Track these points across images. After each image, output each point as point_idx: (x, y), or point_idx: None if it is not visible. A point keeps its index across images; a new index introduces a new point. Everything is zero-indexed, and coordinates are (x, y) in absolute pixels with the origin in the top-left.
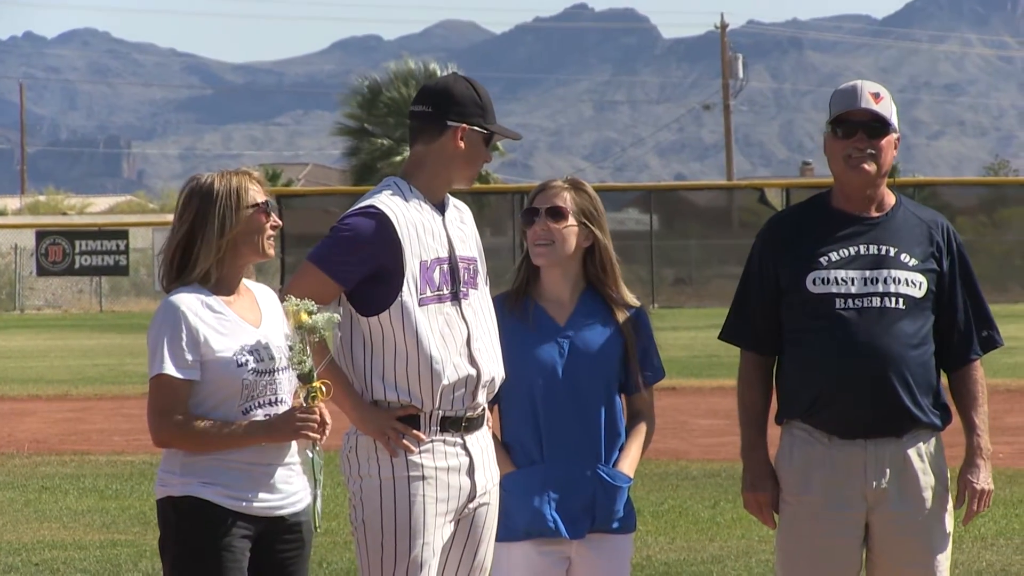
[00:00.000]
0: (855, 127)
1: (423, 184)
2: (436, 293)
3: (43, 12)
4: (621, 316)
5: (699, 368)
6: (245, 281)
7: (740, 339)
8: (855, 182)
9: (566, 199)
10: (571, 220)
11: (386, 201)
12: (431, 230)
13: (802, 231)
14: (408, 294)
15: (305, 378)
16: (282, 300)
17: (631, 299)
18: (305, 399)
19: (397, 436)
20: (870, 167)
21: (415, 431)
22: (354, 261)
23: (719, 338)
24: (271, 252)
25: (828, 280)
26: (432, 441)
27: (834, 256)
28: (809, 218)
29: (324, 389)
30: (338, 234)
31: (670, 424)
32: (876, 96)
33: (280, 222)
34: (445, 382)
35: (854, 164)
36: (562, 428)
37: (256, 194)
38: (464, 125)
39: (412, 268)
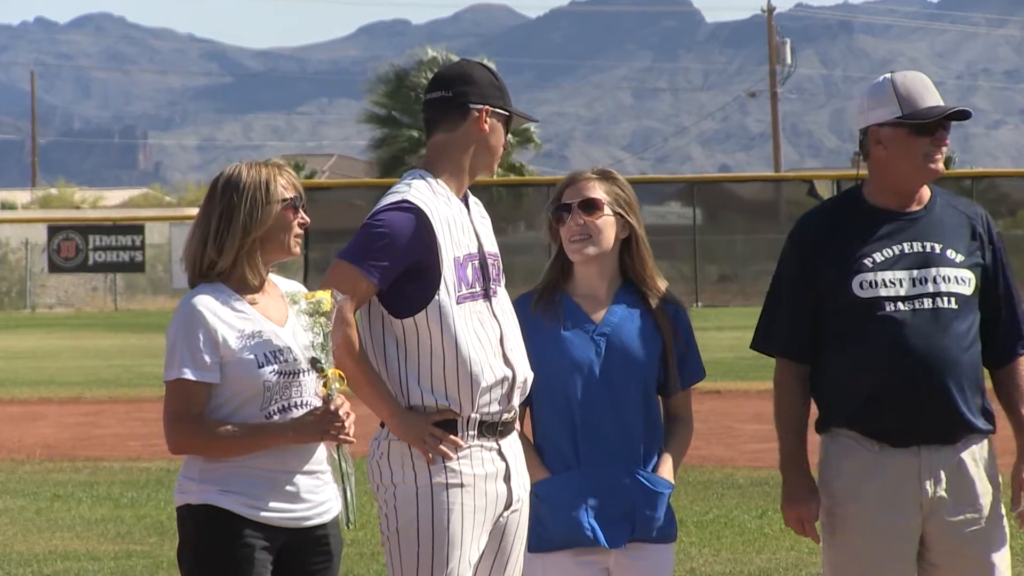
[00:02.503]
0: (936, 125)
1: (448, 176)
2: (471, 291)
3: None
4: (660, 312)
5: (745, 370)
6: (272, 277)
7: (776, 346)
8: (924, 180)
9: (598, 190)
10: (606, 211)
11: (419, 195)
12: (461, 224)
13: (839, 230)
14: (445, 293)
15: (322, 365)
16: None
17: (670, 294)
18: (331, 390)
19: (435, 442)
20: (942, 165)
21: (453, 436)
22: (390, 259)
23: (751, 347)
24: (297, 250)
25: (876, 283)
26: (469, 447)
27: (879, 257)
28: (845, 216)
29: (342, 377)
30: (372, 230)
31: (714, 429)
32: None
33: (308, 219)
34: (483, 384)
35: (934, 161)
36: (599, 431)
37: (286, 189)
38: (487, 107)
39: (448, 264)
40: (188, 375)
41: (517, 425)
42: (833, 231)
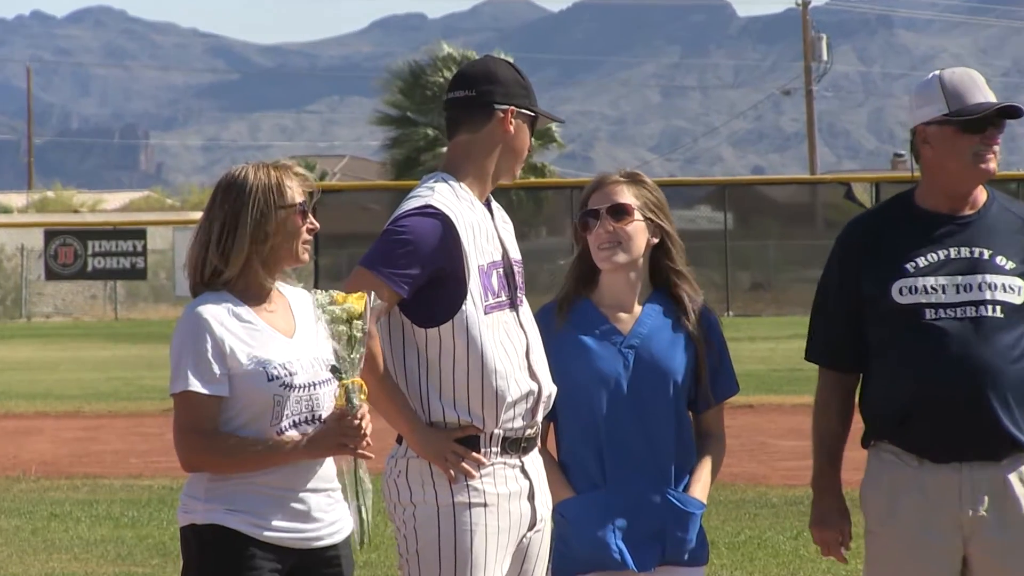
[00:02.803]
0: (984, 122)
1: (470, 179)
2: (497, 300)
3: None
4: (691, 323)
5: (779, 383)
6: (279, 286)
7: (818, 356)
8: (975, 182)
9: (626, 193)
10: (636, 216)
11: (442, 200)
12: (485, 231)
13: (885, 234)
14: (471, 303)
15: (342, 374)
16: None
17: (704, 303)
18: (348, 399)
19: (457, 460)
20: (994, 165)
21: (475, 454)
22: (413, 267)
23: (806, 359)
24: (306, 257)
25: (916, 289)
26: (492, 464)
27: (922, 262)
28: (892, 219)
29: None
30: (394, 237)
31: (747, 445)
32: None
33: (317, 225)
34: (509, 399)
35: (985, 162)
36: (627, 448)
37: (295, 193)
38: (512, 107)
39: (475, 273)
40: (197, 387)
41: (540, 442)
42: (878, 235)
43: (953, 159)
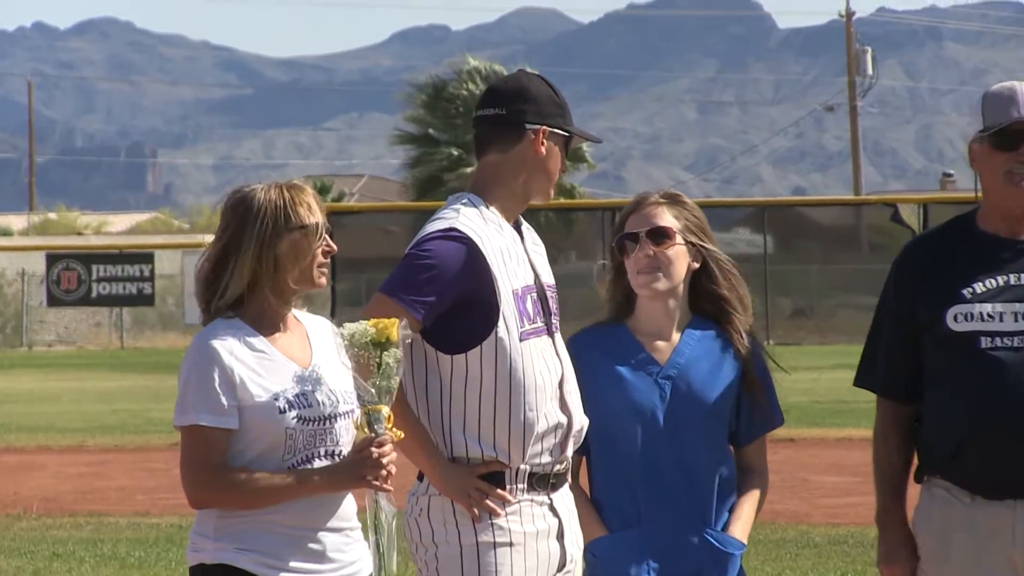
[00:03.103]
0: (1017, 138)
1: (499, 201)
2: (534, 326)
3: None
4: (733, 351)
5: (822, 415)
6: (296, 313)
7: (873, 384)
8: (1014, 202)
9: (667, 215)
10: (677, 240)
11: (468, 222)
12: (515, 254)
13: (943, 258)
14: (504, 329)
15: (375, 399)
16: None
17: (749, 330)
18: (370, 426)
19: (480, 497)
20: None
21: (500, 491)
22: (435, 293)
23: (854, 384)
24: (323, 281)
25: (972, 316)
26: (519, 502)
27: (979, 288)
28: (952, 242)
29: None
30: (416, 261)
31: (788, 481)
32: None
33: (334, 247)
34: (537, 432)
35: (1016, 181)
36: (664, 485)
37: (306, 214)
38: (544, 127)
39: (507, 298)
40: (203, 421)
41: (570, 477)
42: (935, 258)
43: (992, 178)
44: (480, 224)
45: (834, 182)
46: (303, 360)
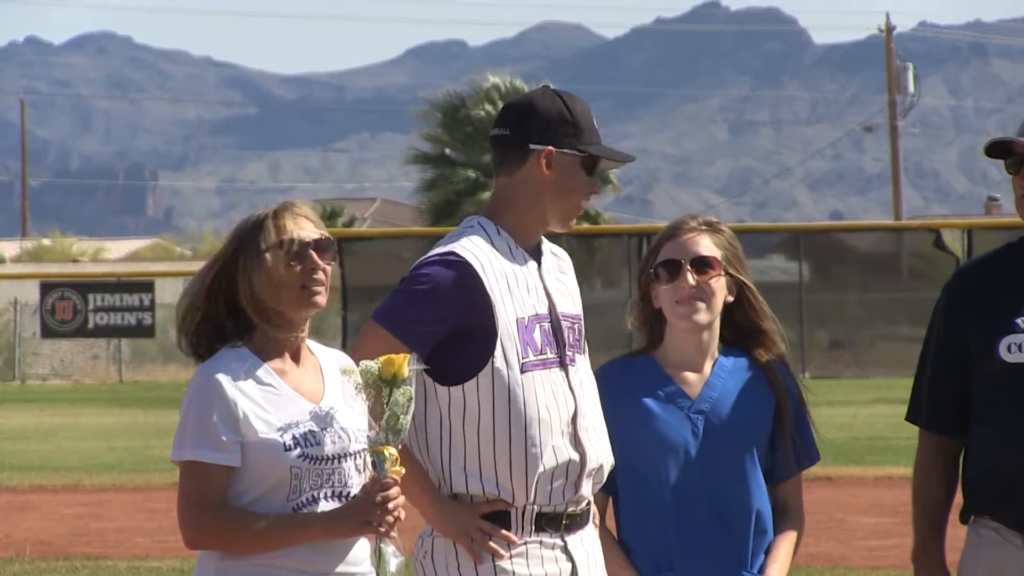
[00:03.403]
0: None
1: (512, 225)
2: (539, 357)
3: (50, 12)
4: (767, 384)
5: (860, 453)
6: (311, 345)
7: (919, 417)
8: None
9: (710, 245)
10: (719, 270)
11: (469, 246)
12: (525, 281)
13: (992, 284)
14: (502, 359)
15: (383, 440)
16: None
17: (785, 362)
18: (377, 467)
19: (483, 537)
20: None
21: (505, 531)
22: (430, 321)
23: (906, 419)
24: (318, 301)
25: None
26: (526, 543)
27: None
28: (1004, 269)
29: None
30: (410, 287)
31: (824, 522)
32: None
33: (320, 263)
34: (542, 469)
35: None
36: (698, 526)
37: (287, 230)
38: (549, 148)
39: (507, 326)
40: (203, 456)
41: (594, 518)
42: (986, 285)
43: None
44: (484, 248)
45: (873, 206)
46: (314, 395)
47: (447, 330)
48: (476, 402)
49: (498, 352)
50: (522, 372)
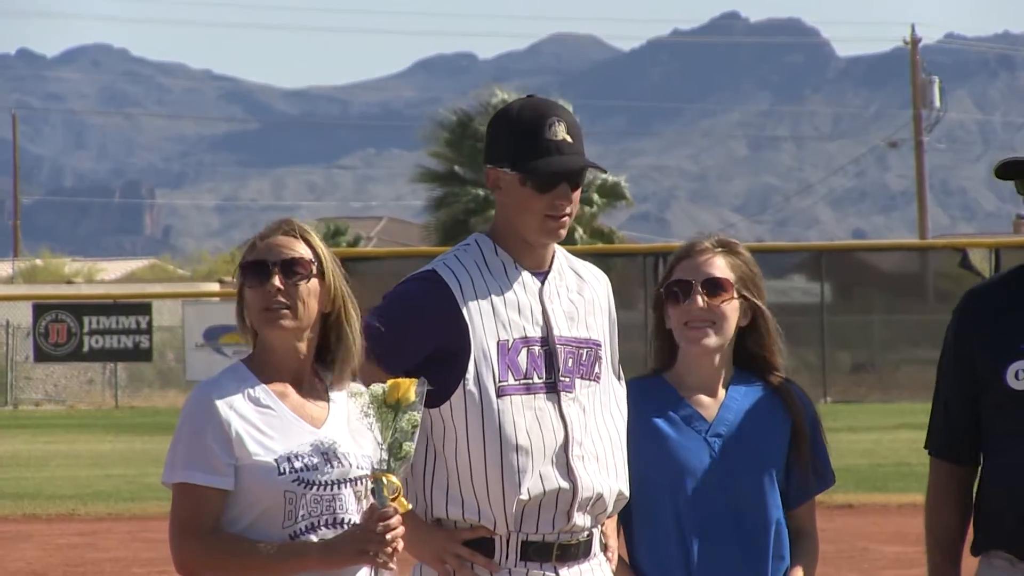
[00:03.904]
0: None
1: (506, 242)
2: (522, 381)
3: (42, 23)
4: (785, 407)
5: (884, 479)
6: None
7: (931, 445)
8: None
9: (723, 266)
10: (733, 293)
11: (452, 264)
12: (517, 303)
13: (1003, 308)
14: (475, 382)
15: (384, 467)
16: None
17: (796, 385)
18: (377, 494)
19: (459, 563)
20: None
21: (485, 558)
22: (402, 340)
23: (925, 447)
24: (284, 324)
25: None
26: (510, 572)
27: None
28: (1013, 290)
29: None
30: (386, 306)
31: (847, 551)
32: None
33: (277, 284)
34: (525, 497)
35: None
36: (716, 551)
37: (256, 250)
38: (489, 168)
39: (483, 348)
40: (195, 479)
41: (596, 547)
42: (996, 309)
43: None
44: (470, 267)
45: (898, 225)
46: (316, 419)
47: (423, 350)
48: (453, 426)
49: (470, 374)
50: (499, 396)
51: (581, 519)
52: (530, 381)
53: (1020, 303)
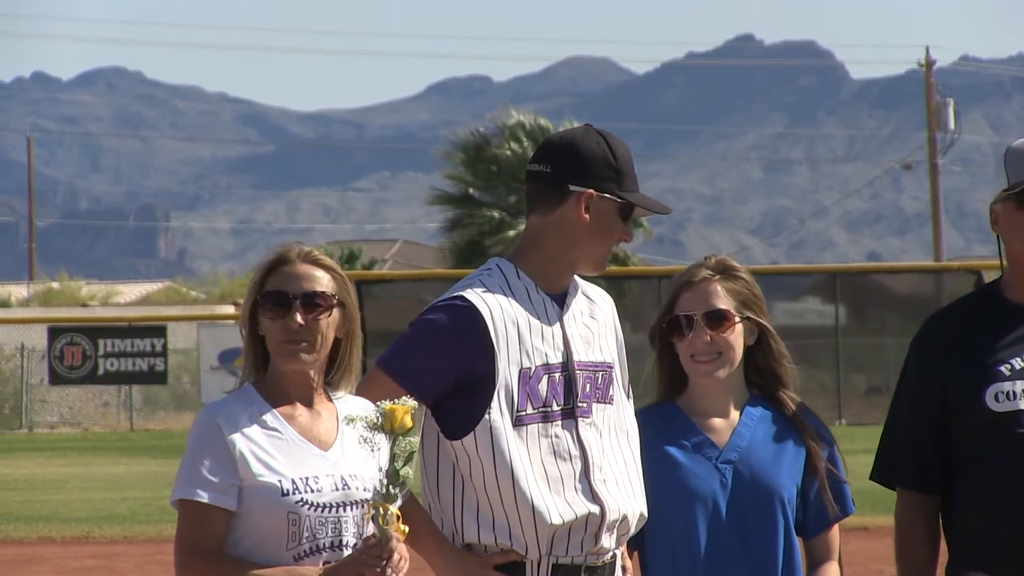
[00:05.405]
0: None
1: (536, 267)
2: (540, 410)
3: (58, 47)
4: (798, 432)
5: None
6: (333, 393)
7: (896, 476)
8: None
9: (723, 295)
10: (736, 320)
11: (480, 291)
12: (540, 329)
13: (969, 333)
14: (498, 412)
15: (382, 496)
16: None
17: (808, 408)
18: (375, 520)
19: None
20: None
21: None
22: (433, 367)
23: (870, 478)
24: (303, 359)
25: (1014, 394)
26: None
27: (1017, 363)
28: (978, 315)
29: (400, 520)
30: (416, 332)
31: (862, 574)
32: None
33: (299, 320)
34: (552, 522)
35: None
36: None
37: (279, 279)
38: (591, 191)
39: (507, 378)
40: (197, 496)
41: (619, 569)
42: (962, 334)
43: (1015, 240)
44: (497, 293)
45: (912, 247)
46: (324, 442)
47: (452, 378)
48: (478, 458)
49: (495, 404)
50: (515, 426)
51: (607, 541)
52: (548, 409)
53: (988, 326)
